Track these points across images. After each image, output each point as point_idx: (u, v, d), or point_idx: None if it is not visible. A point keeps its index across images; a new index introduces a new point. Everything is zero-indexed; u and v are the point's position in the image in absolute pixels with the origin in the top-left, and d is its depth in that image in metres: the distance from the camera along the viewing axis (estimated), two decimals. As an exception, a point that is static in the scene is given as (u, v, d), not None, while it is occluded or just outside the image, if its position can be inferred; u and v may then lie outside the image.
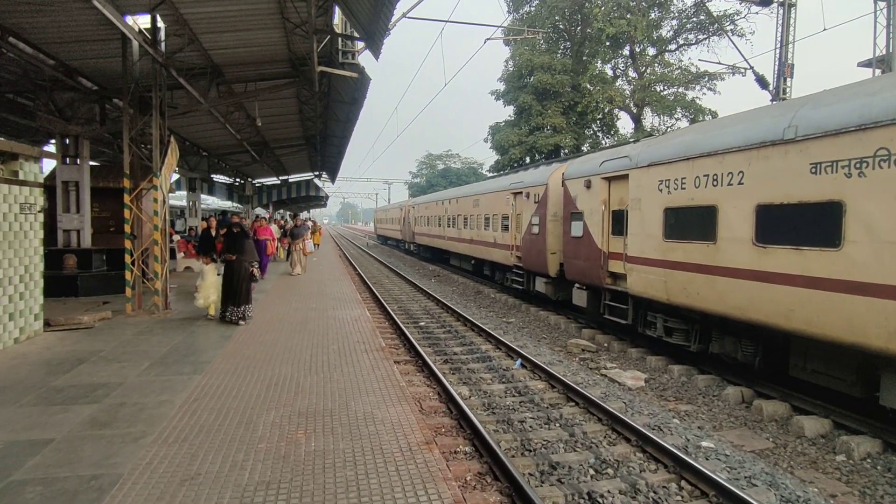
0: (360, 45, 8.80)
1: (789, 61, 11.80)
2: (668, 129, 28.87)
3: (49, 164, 12.54)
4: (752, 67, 10.74)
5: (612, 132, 33.61)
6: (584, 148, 32.20)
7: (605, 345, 11.04)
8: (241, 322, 8.57)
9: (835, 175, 6.05)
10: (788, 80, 11.81)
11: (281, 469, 3.43)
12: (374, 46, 7.80)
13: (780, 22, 11.94)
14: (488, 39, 13.34)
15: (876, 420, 6.51)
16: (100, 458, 3.66)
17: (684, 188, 8.48)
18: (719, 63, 14.56)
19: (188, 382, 5.41)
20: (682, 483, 5.24)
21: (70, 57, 8.91)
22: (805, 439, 6.55)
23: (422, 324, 12.53)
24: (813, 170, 6.30)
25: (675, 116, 29.58)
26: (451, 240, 23.53)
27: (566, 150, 31.86)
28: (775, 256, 6.78)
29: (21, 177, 6.38)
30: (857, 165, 5.81)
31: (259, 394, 5.03)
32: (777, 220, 6.82)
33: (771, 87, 11.62)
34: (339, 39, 8.47)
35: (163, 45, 8.17)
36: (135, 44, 7.94)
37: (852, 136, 5.87)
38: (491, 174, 36.35)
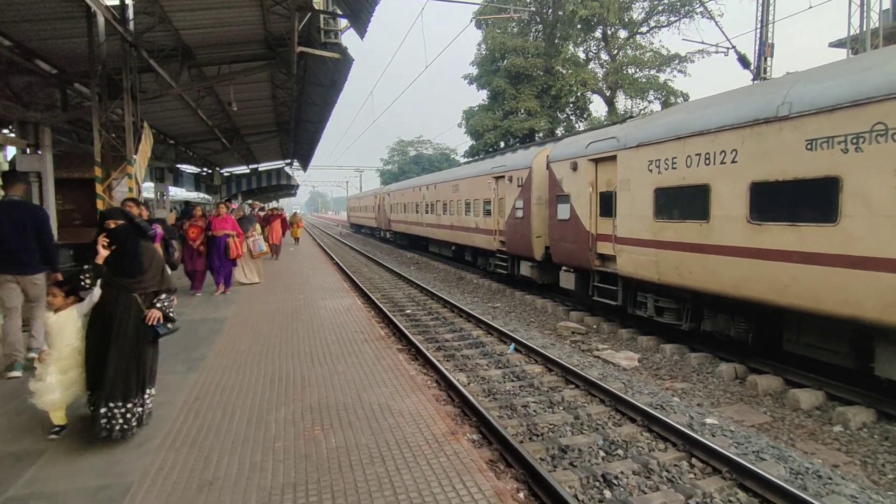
0: (343, 23, 8.44)
1: (769, 41, 11.98)
2: (641, 112, 29.18)
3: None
4: (734, 47, 10.88)
5: (585, 115, 33.80)
6: (559, 132, 32.29)
7: (595, 326, 11.09)
8: (131, 429, 3.84)
9: (831, 151, 6.09)
10: (769, 59, 12.00)
11: (305, 469, 3.23)
12: (360, 24, 7.46)
13: (760, 1, 12.10)
14: (477, 17, 13.01)
15: (867, 390, 6.70)
16: (103, 467, 3.37)
17: (675, 168, 8.48)
18: (702, 42, 14.70)
19: (185, 381, 5.10)
20: (693, 461, 5.26)
21: (27, 37, 8.24)
22: (801, 412, 6.69)
23: (408, 311, 12.36)
24: (808, 146, 6.34)
25: (648, 99, 29.90)
26: (430, 226, 23.30)
27: (540, 134, 31.89)
28: (770, 233, 6.84)
29: (-17, 166, 5.89)
30: (854, 141, 5.86)
31: (264, 389, 4.79)
32: (772, 198, 6.87)
33: (752, 67, 11.79)
34: (321, 18, 8.09)
35: (131, 23, 7.64)
36: (101, 21, 7.38)
37: (848, 112, 5.91)
38: (465, 159, 36.16)
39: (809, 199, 6.39)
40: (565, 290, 12.58)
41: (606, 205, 10.46)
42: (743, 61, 11.09)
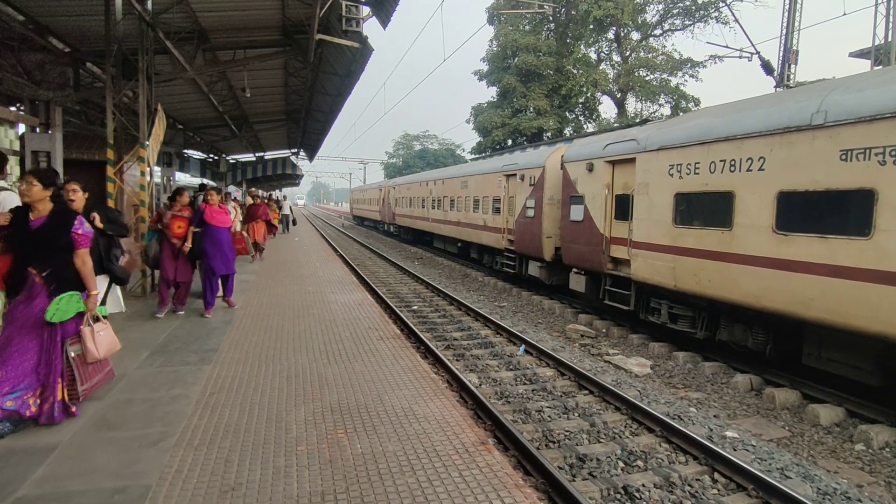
0: (366, 11, 8.23)
1: (794, 48, 11.78)
2: (651, 115, 28.96)
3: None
4: (758, 52, 10.70)
5: (594, 117, 33.58)
6: (567, 132, 32.08)
7: (604, 330, 10.94)
8: None
9: (867, 162, 5.92)
10: (793, 66, 11.81)
11: (332, 476, 3.06)
12: (384, 13, 7.25)
13: (786, 7, 11.91)
14: (496, 12, 12.77)
15: (888, 408, 6.55)
16: (118, 466, 3.20)
17: (698, 173, 8.31)
18: (727, 47, 14.48)
19: (198, 374, 4.95)
20: (716, 475, 5.13)
21: (42, 13, 8.02)
22: (820, 427, 6.55)
23: (414, 307, 12.22)
24: (843, 157, 6.17)
25: (659, 102, 29.66)
26: (436, 222, 23.11)
27: (549, 134, 31.68)
28: (797, 244, 6.68)
29: (-5, 143, 5.69)
30: (893, 153, 5.69)
31: (280, 386, 4.61)
32: (801, 208, 6.70)
33: (776, 74, 11.60)
34: (343, 4, 7.89)
35: (149, 2, 7.43)
36: None
37: (889, 123, 5.73)
38: (472, 156, 35.93)
39: (841, 211, 6.22)
40: (573, 292, 12.42)
41: (622, 208, 10.30)
42: (766, 67, 10.90)
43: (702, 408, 7.09)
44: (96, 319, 4.06)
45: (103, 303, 4.62)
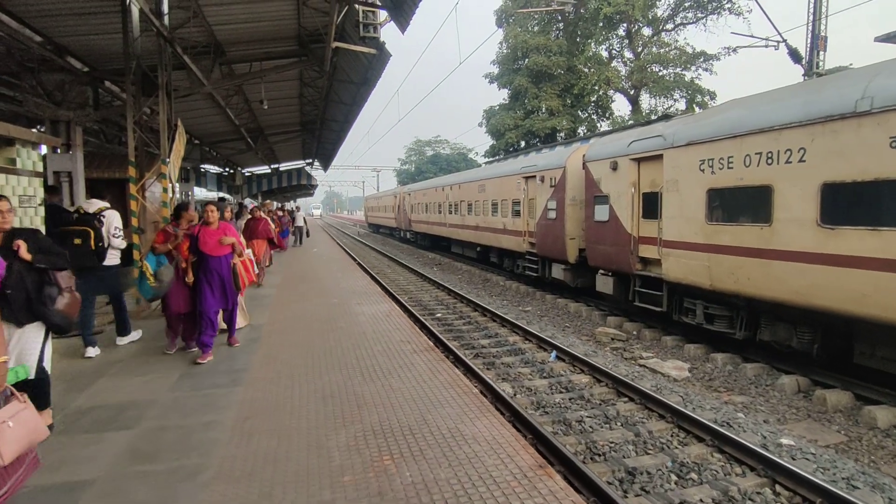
0: (383, 16, 8.07)
1: (822, 34, 11.36)
2: (667, 110, 28.47)
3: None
4: (785, 41, 10.32)
5: (607, 115, 33.15)
6: (580, 131, 31.70)
7: (635, 333, 10.62)
8: None
9: (922, 149, 5.59)
10: (821, 53, 11.40)
11: (384, 510, 2.85)
12: (402, 18, 7.08)
13: (814, -7, 11.52)
14: (515, 11, 12.56)
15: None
16: (156, 503, 3.02)
17: (731, 168, 7.99)
18: (752, 36, 14.14)
19: (230, 396, 4.77)
20: (777, 488, 4.82)
21: (60, 33, 8.01)
22: (878, 430, 6.19)
23: (438, 315, 12.02)
24: (894, 144, 5.84)
25: (673, 98, 29.17)
26: (454, 227, 22.90)
27: (562, 134, 31.33)
28: (845, 238, 6.34)
29: (18, 165, 5.59)
30: (951, 138, 5.36)
31: (317, 409, 4.41)
32: (848, 200, 6.37)
33: (804, 62, 11.18)
34: (360, 11, 7.73)
35: (166, 17, 7.35)
36: (135, 16, 7.11)
37: (945, 107, 5.40)
38: (486, 159, 35.72)
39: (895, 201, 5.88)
40: (598, 294, 12.11)
41: (650, 206, 9.99)
42: (794, 55, 10.51)
43: (749, 413, 6.77)
44: (10, 396, 2.74)
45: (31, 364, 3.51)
